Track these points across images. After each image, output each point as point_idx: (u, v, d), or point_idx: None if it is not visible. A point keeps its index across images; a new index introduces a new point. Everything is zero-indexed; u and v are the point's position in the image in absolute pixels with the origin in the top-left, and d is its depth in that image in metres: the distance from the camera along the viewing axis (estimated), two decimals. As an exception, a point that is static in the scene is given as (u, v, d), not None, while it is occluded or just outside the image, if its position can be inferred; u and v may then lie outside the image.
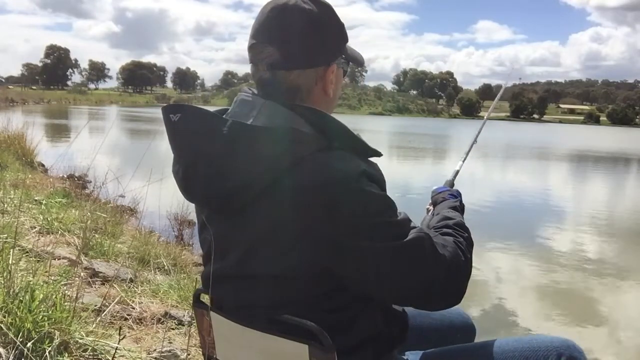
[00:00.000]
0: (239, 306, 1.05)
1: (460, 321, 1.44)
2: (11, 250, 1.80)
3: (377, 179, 0.99)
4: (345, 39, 1.12)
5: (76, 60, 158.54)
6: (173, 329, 2.27)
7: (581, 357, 1.09)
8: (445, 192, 1.41)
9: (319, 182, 0.93)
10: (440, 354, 1.23)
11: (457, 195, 1.40)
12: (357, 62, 1.17)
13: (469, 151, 1.76)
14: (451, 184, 1.54)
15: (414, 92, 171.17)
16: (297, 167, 0.94)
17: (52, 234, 3.22)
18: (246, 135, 0.96)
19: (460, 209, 1.33)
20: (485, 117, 2.01)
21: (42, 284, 1.74)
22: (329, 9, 1.06)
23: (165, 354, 1.88)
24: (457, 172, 1.63)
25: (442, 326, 1.40)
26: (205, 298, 1.20)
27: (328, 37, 1.07)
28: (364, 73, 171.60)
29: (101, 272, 2.71)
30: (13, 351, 1.45)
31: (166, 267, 3.32)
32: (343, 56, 1.11)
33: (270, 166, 0.94)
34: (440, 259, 1.01)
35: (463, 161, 1.71)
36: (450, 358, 1.21)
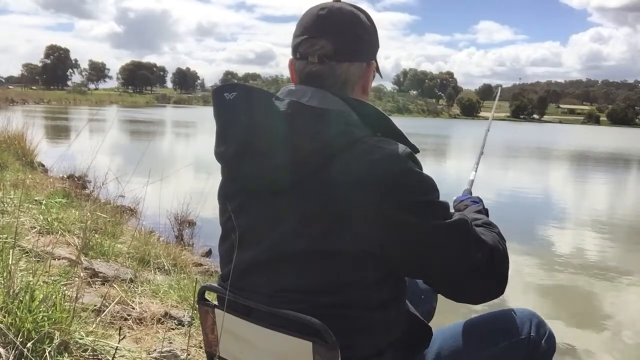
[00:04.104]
0: (275, 291, 1.03)
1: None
2: (11, 250, 1.79)
3: (420, 165, 1.03)
4: (379, 43, 1.17)
5: (76, 61, 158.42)
6: (173, 329, 2.27)
7: (544, 320, 1.26)
8: (467, 200, 1.45)
9: (371, 161, 0.97)
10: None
11: (479, 201, 1.44)
12: (379, 71, 1.22)
13: (478, 161, 1.84)
14: (469, 192, 1.58)
15: (414, 92, 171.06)
16: (351, 147, 0.98)
17: (52, 234, 3.21)
18: (303, 114, 1.00)
19: (485, 212, 1.37)
20: (485, 131, 2.05)
21: (42, 284, 1.74)
22: (368, 14, 1.14)
23: (165, 354, 1.88)
24: (472, 181, 1.71)
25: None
26: (211, 296, 1.20)
27: (371, 36, 1.14)
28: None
29: (101, 272, 2.70)
30: (13, 351, 1.45)
31: (166, 267, 3.32)
32: (377, 60, 1.17)
33: (326, 144, 0.98)
34: (482, 242, 1.05)
35: (475, 171, 1.79)
36: (447, 338, 1.22)
